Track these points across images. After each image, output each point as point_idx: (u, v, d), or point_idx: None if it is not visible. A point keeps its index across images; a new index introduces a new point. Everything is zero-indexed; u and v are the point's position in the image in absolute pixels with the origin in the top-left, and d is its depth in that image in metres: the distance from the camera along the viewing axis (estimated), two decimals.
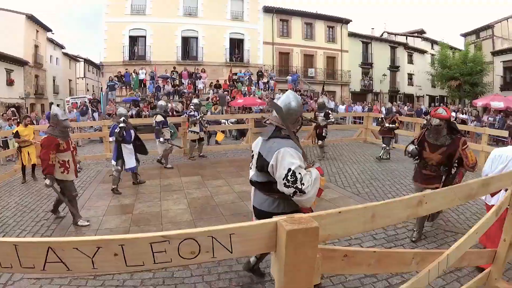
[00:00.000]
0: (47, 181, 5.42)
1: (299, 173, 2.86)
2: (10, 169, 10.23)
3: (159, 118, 9.89)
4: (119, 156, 7.67)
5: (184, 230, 1.56)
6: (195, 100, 11.86)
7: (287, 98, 3.31)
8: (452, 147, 4.84)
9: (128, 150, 7.82)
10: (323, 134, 11.17)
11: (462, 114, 21.36)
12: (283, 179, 2.86)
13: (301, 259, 1.65)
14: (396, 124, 11.36)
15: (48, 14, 78.59)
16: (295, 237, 1.59)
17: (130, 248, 1.47)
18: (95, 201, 7.06)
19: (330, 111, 11.52)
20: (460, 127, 16.53)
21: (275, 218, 1.69)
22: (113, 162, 7.71)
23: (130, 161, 7.83)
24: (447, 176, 5.01)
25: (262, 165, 3.16)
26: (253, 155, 3.38)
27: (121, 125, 7.68)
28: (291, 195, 2.88)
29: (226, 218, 6.02)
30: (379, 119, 12.73)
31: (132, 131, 7.96)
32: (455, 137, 4.91)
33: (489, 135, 11.90)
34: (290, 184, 2.84)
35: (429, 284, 3.51)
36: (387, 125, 11.39)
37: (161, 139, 9.75)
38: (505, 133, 12.49)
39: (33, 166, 9.32)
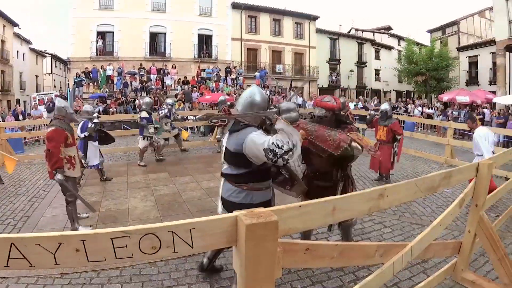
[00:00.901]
0: (59, 176, 5.04)
1: (272, 143, 2.80)
2: None
3: (144, 114, 10.03)
4: (84, 153, 7.58)
5: (144, 225, 1.59)
6: (169, 100, 11.90)
7: (251, 92, 3.34)
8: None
9: (94, 148, 7.83)
10: None
11: (428, 109, 22.19)
12: (271, 160, 2.83)
13: (261, 252, 1.67)
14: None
15: (15, 7, 76.50)
16: (254, 231, 1.61)
17: (91, 244, 1.49)
18: (61, 199, 6.37)
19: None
20: (427, 121, 17.40)
21: (235, 213, 1.71)
22: None
23: (94, 159, 7.82)
24: (345, 185, 4.14)
25: (232, 156, 3.20)
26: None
27: (95, 120, 7.69)
28: (287, 162, 2.85)
29: (193, 215, 5.94)
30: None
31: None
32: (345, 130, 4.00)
33: (454, 128, 12.38)
34: (277, 157, 2.79)
35: (396, 276, 3.69)
36: None
37: (143, 135, 10.00)
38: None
39: None
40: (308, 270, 4.01)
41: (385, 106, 8.55)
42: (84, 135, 7.65)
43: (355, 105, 21.61)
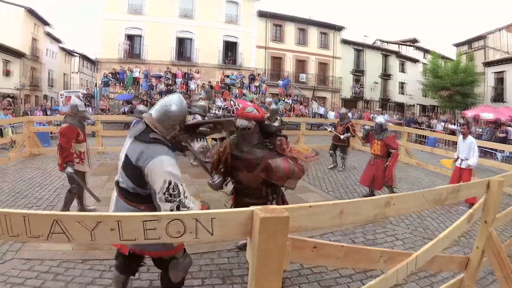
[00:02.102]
0: (69, 169, 5.44)
1: (181, 185, 2.56)
2: (5, 156, 10.50)
3: (198, 118, 9.86)
4: None
5: (172, 212, 1.93)
6: (202, 103, 11.56)
7: (169, 100, 2.91)
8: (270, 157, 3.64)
9: None
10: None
11: (452, 125, 21.86)
12: (164, 194, 2.50)
13: (272, 245, 1.79)
14: (349, 133, 10.66)
15: (47, 8, 78.76)
16: (267, 224, 1.73)
17: (125, 224, 1.67)
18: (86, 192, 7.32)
19: (278, 117, 11.38)
20: (450, 137, 17.19)
21: (252, 207, 1.83)
22: None
23: None
24: (277, 203, 3.93)
25: (131, 169, 2.72)
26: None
27: None
28: (172, 211, 2.47)
29: None
30: (334, 124, 12.25)
31: None
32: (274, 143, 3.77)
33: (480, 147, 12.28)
34: (172, 198, 2.51)
35: (402, 286, 3.86)
36: (342, 136, 10.66)
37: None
38: (493, 145, 13.39)
39: None
40: (317, 275, 4.14)
41: (379, 118, 8.28)
42: None
43: (372, 117, 21.49)
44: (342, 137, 10.63)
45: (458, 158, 7.82)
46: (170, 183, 2.49)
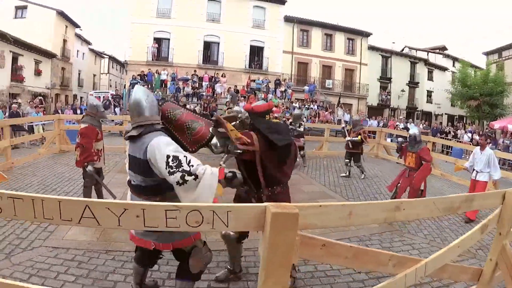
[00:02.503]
0: (90, 167, 5.67)
1: (184, 156, 2.57)
2: (35, 152, 10.97)
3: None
4: None
5: (192, 203, 2.09)
6: (236, 108, 11.79)
7: (133, 95, 3.06)
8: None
9: None
10: (301, 144, 10.78)
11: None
12: (166, 169, 2.54)
13: (282, 239, 1.90)
14: (359, 137, 10.34)
15: (77, 10, 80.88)
16: (278, 219, 1.86)
17: (149, 212, 1.85)
18: (111, 189, 7.43)
19: (302, 122, 11.51)
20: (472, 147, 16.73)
21: (265, 203, 1.98)
22: None
23: None
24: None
25: (137, 164, 2.85)
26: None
27: None
28: (180, 183, 2.50)
29: None
30: (343, 130, 11.92)
31: None
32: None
33: (503, 159, 12.28)
34: (175, 169, 2.51)
35: None
36: (348, 138, 10.52)
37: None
38: None
39: None
40: (330, 278, 4.24)
41: (413, 130, 7.83)
42: None
43: (396, 126, 21.26)
44: (346, 139, 10.56)
45: (473, 170, 7.52)
46: (168, 156, 2.55)
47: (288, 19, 30.89)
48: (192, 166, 2.53)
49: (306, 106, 24.98)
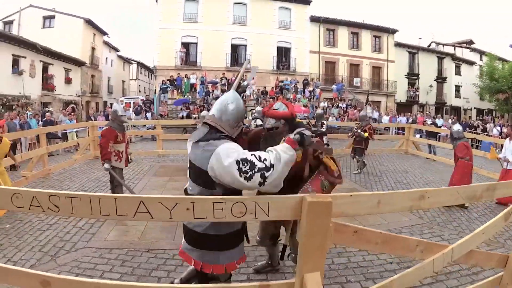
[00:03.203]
0: (106, 165, 6.21)
1: (251, 155, 2.30)
2: (70, 158, 11.32)
3: (259, 121, 10.30)
4: None
5: (236, 196, 2.27)
6: (259, 108, 11.93)
7: (226, 98, 2.77)
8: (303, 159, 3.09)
9: None
10: (325, 142, 10.32)
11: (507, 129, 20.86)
12: (241, 176, 2.22)
13: (317, 225, 2.12)
14: (366, 134, 10.23)
15: (105, 18, 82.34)
16: (314, 207, 2.08)
17: (198, 205, 2.06)
18: (148, 191, 7.79)
19: (324, 121, 11.52)
20: (501, 141, 16.30)
21: (301, 194, 2.22)
22: None
23: None
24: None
25: (197, 174, 2.58)
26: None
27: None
28: (262, 183, 2.24)
29: None
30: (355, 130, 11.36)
31: None
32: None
33: None
34: (250, 172, 2.23)
35: (444, 283, 3.99)
36: (355, 129, 10.62)
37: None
38: None
39: None
40: (363, 268, 4.41)
41: (455, 127, 7.91)
42: None
43: (424, 121, 20.94)
44: (349, 134, 11.02)
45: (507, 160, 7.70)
46: (238, 162, 2.24)
47: (314, 19, 30.85)
48: (265, 160, 2.26)
49: (335, 104, 24.85)
